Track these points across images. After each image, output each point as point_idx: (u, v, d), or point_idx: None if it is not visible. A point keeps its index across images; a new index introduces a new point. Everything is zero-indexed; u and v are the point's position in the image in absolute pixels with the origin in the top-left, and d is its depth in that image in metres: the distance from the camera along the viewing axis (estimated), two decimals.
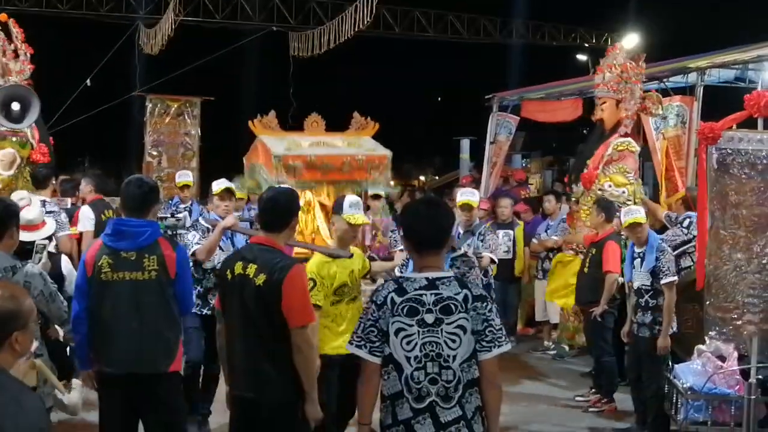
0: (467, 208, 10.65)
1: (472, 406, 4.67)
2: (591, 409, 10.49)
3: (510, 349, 4.88)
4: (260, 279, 5.51)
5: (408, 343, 4.66)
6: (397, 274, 8.67)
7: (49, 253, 8.11)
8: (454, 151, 26.29)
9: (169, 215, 10.56)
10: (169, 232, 8.22)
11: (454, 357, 4.64)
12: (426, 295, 4.69)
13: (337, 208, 7.62)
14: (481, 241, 10.53)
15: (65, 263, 8.12)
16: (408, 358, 4.65)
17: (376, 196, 12.64)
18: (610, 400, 10.50)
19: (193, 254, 8.47)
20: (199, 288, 8.75)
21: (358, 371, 4.84)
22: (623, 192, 11.79)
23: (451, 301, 4.66)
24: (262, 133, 10.17)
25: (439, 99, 45.06)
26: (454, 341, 4.64)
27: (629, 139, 12.22)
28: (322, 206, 9.67)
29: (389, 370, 4.71)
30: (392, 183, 11.12)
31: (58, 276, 7.66)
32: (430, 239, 4.84)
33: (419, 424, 4.62)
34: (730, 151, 8.29)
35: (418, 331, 4.65)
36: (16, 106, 11.52)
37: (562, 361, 13.05)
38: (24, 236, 7.57)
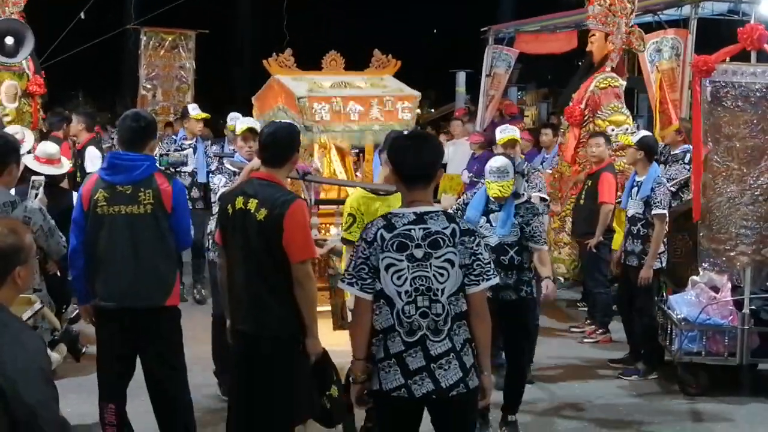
0: (511, 144, 9.96)
1: (461, 338, 4.76)
2: (586, 340, 10.65)
3: (497, 281, 4.97)
4: (261, 214, 5.50)
5: (399, 278, 4.72)
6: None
7: (60, 188, 8.18)
8: (450, 84, 26.17)
9: (172, 150, 10.57)
10: (171, 169, 8.20)
11: (443, 290, 4.71)
12: (414, 230, 4.74)
13: (387, 145, 6.87)
14: (527, 181, 9.84)
15: (76, 198, 8.16)
16: (399, 293, 4.72)
17: None
18: (605, 331, 10.62)
19: (220, 198, 7.84)
20: None
21: None
22: (627, 129, 11.78)
23: (438, 236, 4.72)
24: (278, 73, 9.48)
25: (435, 31, 44.59)
26: (442, 275, 4.71)
27: (612, 74, 12.18)
28: (338, 149, 9.45)
29: (381, 305, 4.77)
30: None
31: (68, 210, 7.69)
32: (417, 173, 4.86)
33: (411, 357, 4.71)
34: (723, 84, 8.32)
35: (408, 266, 4.71)
36: (9, 40, 11.50)
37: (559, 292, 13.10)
38: (42, 169, 7.68)
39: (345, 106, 8.81)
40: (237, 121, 8.96)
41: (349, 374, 5.13)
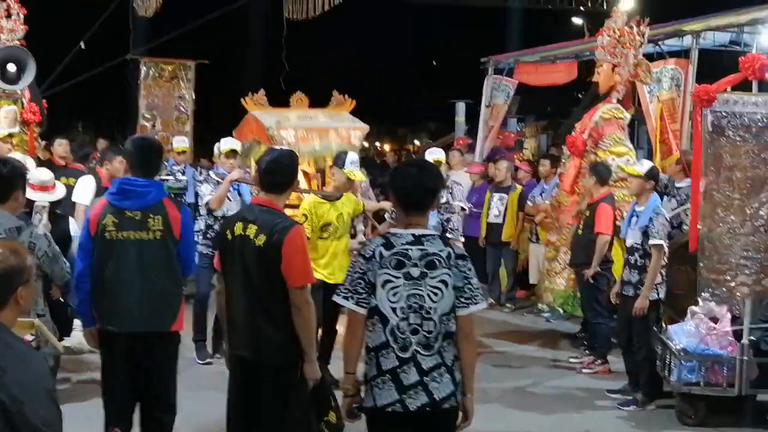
0: (438, 165, 11.07)
1: (450, 355, 4.97)
2: (584, 370, 10.53)
3: (486, 307, 5.34)
4: (260, 239, 5.56)
5: (394, 294, 4.91)
6: (387, 218, 10.65)
7: (57, 215, 8.25)
8: (450, 114, 26.21)
9: (170, 177, 10.82)
10: (172, 195, 8.39)
11: (435, 309, 4.91)
12: (412, 249, 4.94)
13: (339, 162, 9.04)
14: (450, 193, 11.89)
15: (73, 225, 8.15)
16: (394, 309, 4.90)
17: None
18: (603, 362, 10.54)
19: (207, 204, 9.95)
20: (210, 232, 10.00)
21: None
22: (628, 160, 11.75)
23: (435, 257, 4.93)
24: (254, 109, 11.52)
25: (434, 63, 44.82)
26: (436, 294, 4.91)
27: (617, 105, 12.14)
28: (305, 174, 10.80)
29: (374, 322, 4.95)
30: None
31: (65, 237, 7.79)
32: (417, 200, 5.09)
33: (404, 372, 4.88)
34: (725, 114, 8.30)
35: (404, 284, 4.90)
36: (12, 67, 11.51)
37: (557, 323, 13.10)
38: (36, 196, 7.71)
39: (307, 134, 11.20)
40: (222, 141, 10.66)
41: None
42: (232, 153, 10.37)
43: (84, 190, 9.85)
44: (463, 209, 12.57)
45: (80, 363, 9.38)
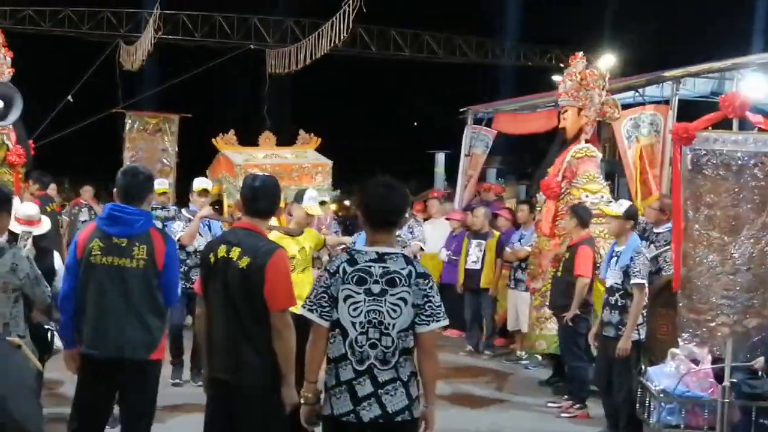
0: (204, 193, 11.71)
1: (407, 371, 5.15)
2: (563, 415, 10.42)
3: (447, 324, 5.33)
4: (244, 262, 5.65)
5: (355, 309, 5.10)
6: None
7: (43, 248, 8.26)
8: (429, 165, 26.32)
9: (158, 207, 11.58)
10: (160, 224, 8.67)
11: (394, 325, 5.09)
12: (374, 267, 5.13)
13: (298, 198, 9.32)
14: (410, 232, 13.07)
15: (57, 259, 8.22)
16: (353, 323, 5.09)
17: (323, 203, 13.17)
18: (582, 406, 10.45)
19: (179, 240, 10.24)
20: (183, 267, 10.19)
21: (305, 327, 5.27)
22: (602, 197, 11.75)
23: (396, 275, 5.11)
24: (224, 149, 12.77)
25: (416, 124, 45.10)
26: (395, 311, 5.08)
27: (588, 144, 12.17)
28: None
29: (335, 334, 5.15)
30: (332, 188, 13.68)
31: (49, 271, 7.80)
32: (384, 218, 5.28)
33: (360, 384, 5.07)
34: (704, 152, 8.24)
35: (365, 299, 5.09)
36: None
37: (535, 369, 13.02)
38: (20, 228, 7.87)
39: (272, 171, 11.76)
40: (195, 180, 11.53)
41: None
42: (204, 192, 11.19)
43: None
44: (422, 249, 13.56)
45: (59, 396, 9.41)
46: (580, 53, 12.63)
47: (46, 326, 7.65)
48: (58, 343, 7.52)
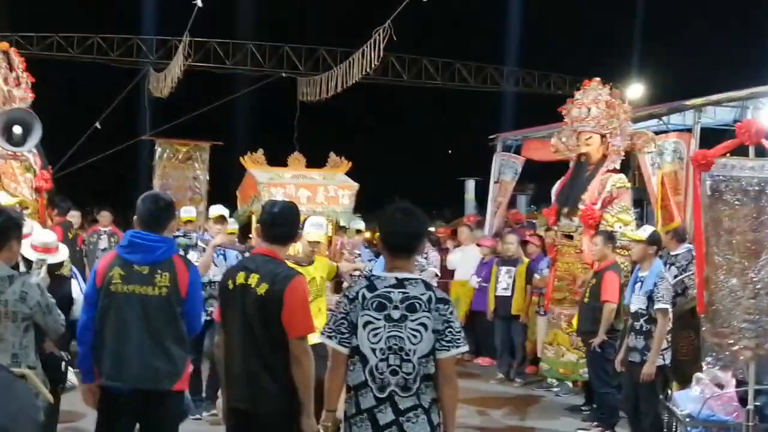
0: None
1: (428, 397, 5.03)
2: None
3: (467, 350, 5.37)
4: (262, 288, 5.57)
5: (375, 335, 5.03)
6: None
7: (61, 276, 8.21)
8: (459, 192, 26.37)
9: (180, 235, 11.08)
10: (182, 252, 8.49)
11: (415, 351, 4.99)
12: (394, 292, 5.07)
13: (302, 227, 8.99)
14: (425, 257, 13.01)
15: (75, 287, 8.16)
16: (373, 350, 5.02)
17: (359, 231, 13.58)
18: None
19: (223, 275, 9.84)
20: None
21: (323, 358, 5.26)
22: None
23: (416, 300, 5.03)
24: (251, 167, 12.11)
25: (450, 152, 45.08)
26: (416, 337, 5.00)
27: (623, 175, 12.31)
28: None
29: (355, 361, 5.07)
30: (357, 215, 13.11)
31: (67, 299, 7.71)
32: (403, 244, 5.25)
33: (381, 412, 4.98)
34: (723, 178, 8.34)
35: (384, 325, 5.02)
36: (17, 129, 11.52)
37: (566, 396, 13.04)
38: (36, 256, 7.73)
39: (296, 191, 11.69)
40: (211, 207, 11.58)
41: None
42: (221, 219, 10.83)
43: None
44: (437, 275, 13.71)
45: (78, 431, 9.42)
46: (597, 79, 12.77)
47: (59, 356, 7.35)
48: (74, 378, 7.32)
